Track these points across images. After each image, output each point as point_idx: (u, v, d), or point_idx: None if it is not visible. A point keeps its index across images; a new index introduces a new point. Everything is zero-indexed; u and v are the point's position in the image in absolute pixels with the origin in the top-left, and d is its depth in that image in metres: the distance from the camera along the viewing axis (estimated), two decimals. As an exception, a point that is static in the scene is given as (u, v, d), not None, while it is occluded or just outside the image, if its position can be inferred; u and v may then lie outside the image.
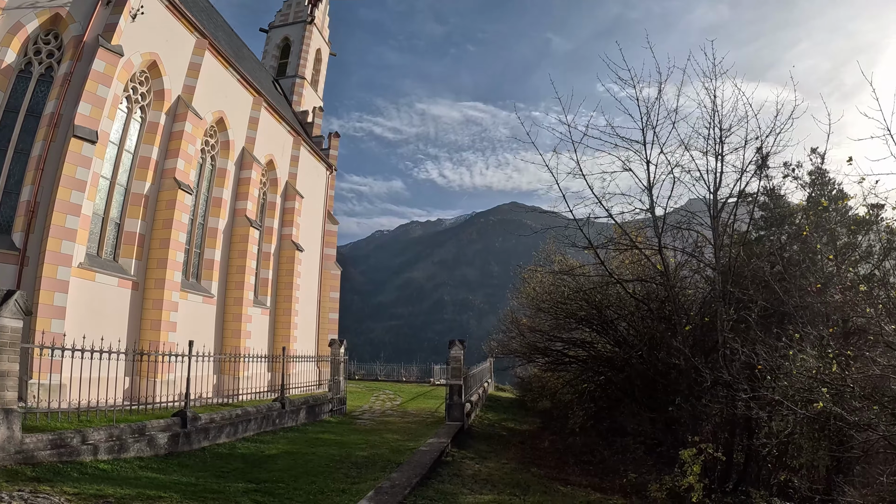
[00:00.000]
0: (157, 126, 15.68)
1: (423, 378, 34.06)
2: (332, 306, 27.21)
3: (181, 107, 16.27)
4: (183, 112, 16.18)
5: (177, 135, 15.97)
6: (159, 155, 15.64)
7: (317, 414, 14.01)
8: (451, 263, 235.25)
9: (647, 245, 11.99)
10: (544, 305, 13.17)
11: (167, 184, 15.43)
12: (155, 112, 15.83)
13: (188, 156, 16.02)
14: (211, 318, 17.84)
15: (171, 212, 15.06)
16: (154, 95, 15.94)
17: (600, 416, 15.05)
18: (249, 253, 18.95)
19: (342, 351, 17.43)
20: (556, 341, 14.65)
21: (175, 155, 15.70)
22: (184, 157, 15.83)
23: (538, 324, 14.23)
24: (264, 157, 21.35)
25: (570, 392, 16.62)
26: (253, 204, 19.84)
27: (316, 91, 33.93)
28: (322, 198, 27.54)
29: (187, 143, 15.98)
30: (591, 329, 12.97)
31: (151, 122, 15.72)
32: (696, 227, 12.09)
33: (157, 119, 15.76)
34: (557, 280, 13.94)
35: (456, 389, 14.96)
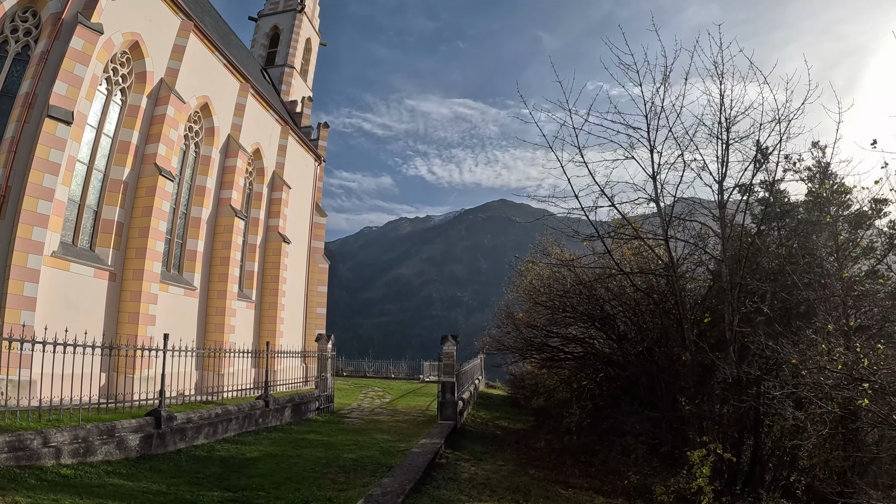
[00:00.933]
0: (137, 109, 14.91)
1: (413, 375, 33.55)
2: (319, 300, 26.53)
3: (164, 90, 15.51)
4: (165, 95, 15.43)
5: (158, 119, 15.21)
6: (140, 140, 14.88)
7: (303, 412, 13.41)
8: (439, 260, 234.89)
9: (652, 235, 11.56)
10: (542, 299, 12.68)
11: (147, 170, 14.69)
12: (136, 95, 15.06)
13: (170, 141, 15.27)
14: (193, 312, 17.12)
15: (151, 199, 14.32)
16: (135, 77, 15.17)
17: (598, 415, 14.62)
18: (234, 244, 18.23)
19: (329, 346, 16.82)
20: (553, 337, 14.19)
21: (156, 140, 14.94)
22: (165, 142, 15.08)
23: (535, 319, 13.74)
24: (251, 145, 20.61)
25: (566, 390, 16.17)
26: (238, 193, 19.11)
27: (305, 81, 33.12)
28: (310, 189, 26.81)
29: (169, 127, 15.23)
30: (590, 324, 12.51)
31: (132, 105, 14.95)
32: (699, 217, 11.69)
33: (138, 102, 14.99)
34: (555, 273, 13.45)
35: (448, 387, 14.43)
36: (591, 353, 13.50)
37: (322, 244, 27.57)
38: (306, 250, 26.14)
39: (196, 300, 17.28)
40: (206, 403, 12.52)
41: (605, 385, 13.63)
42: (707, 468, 8.87)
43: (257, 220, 21.38)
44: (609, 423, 14.12)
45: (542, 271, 13.79)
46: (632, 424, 12.65)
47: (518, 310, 15.64)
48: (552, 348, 14.26)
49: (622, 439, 12.58)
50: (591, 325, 12.84)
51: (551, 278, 13.20)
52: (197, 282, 17.26)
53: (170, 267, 16.64)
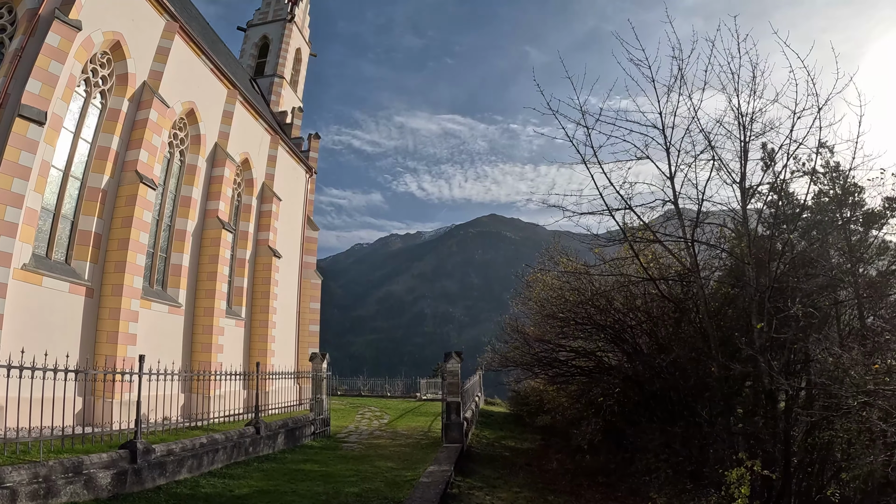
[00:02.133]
0: (118, 113, 13.97)
1: (409, 393, 32.44)
2: (312, 318, 25.42)
3: (146, 93, 14.61)
4: (148, 99, 14.52)
5: (140, 123, 14.28)
6: (120, 146, 13.93)
7: (297, 438, 12.35)
8: (430, 276, 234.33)
9: (673, 239, 10.80)
10: (553, 310, 11.81)
11: (128, 177, 13.71)
12: (117, 98, 14.14)
13: (152, 147, 14.32)
14: (178, 331, 16.02)
15: (132, 209, 13.32)
16: (116, 80, 14.26)
17: (611, 433, 13.73)
18: (221, 258, 17.21)
19: (325, 366, 15.80)
20: (563, 351, 13.30)
21: (138, 146, 14.00)
22: (147, 148, 14.14)
23: (544, 332, 12.86)
24: (239, 154, 19.70)
25: (576, 407, 15.27)
26: (226, 205, 18.14)
27: (295, 92, 32.40)
28: (301, 201, 25.88)
29: (152, 132, 14.30)
30: (606, 336, 11.66)
31: (112, 108, 14.02)
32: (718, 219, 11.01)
33: (118, 106, 14.06)
34: (567, 283, 12.61)
35: (454, 407, 13.46)
36: (605, 367, 12.62)
37: (314, 259, 26.56)
38: (298, 265, 25.11)
39: (181, 318, 16.18)
40: (193, 430, 11.43)
41: (622, 400, 12.74)
42: (746, 488, 8.14)
43: (246, 234, 20.37)
44: (624, 441, 13.23)
45: (552, 281, 12.97)
46: (651, 442, 11.76)
47: (524, 323, 14.77)
48: (563, 363, 13.35)
49: (642, 458, 11.67)
50: (606, 337, 11.98)
51: (563, 288, 12.37)
52: (182, 298, 16.19)
53: (153, 282, 15.58)
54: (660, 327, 11.29)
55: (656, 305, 11.28)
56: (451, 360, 13.81)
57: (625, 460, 12.49)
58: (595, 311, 11.27)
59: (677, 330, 11.26)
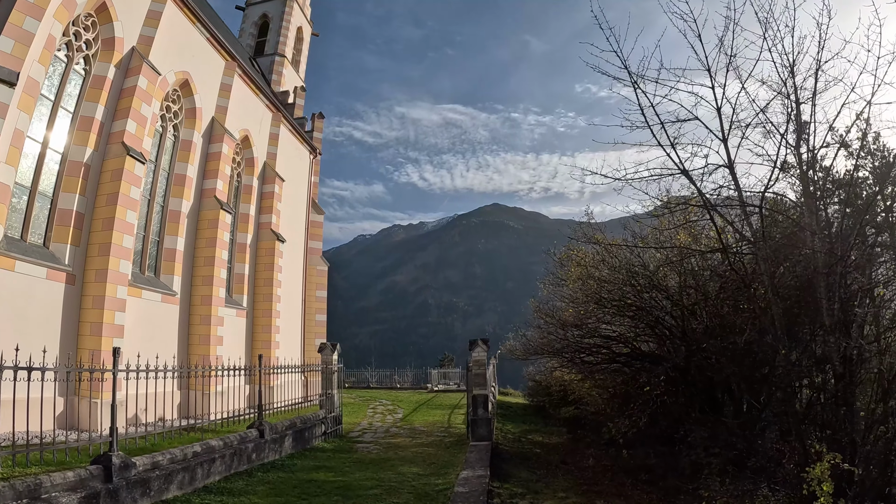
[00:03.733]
0: (103, 80, 12.52)
1: (418, 384, 31.16)
2: (318, 307, 24.08)
3: (136, 59, 13.14)
4: (137, 65, 13.05)
5: (128, 91, 12.83)
6: (105, 116, 12.49)
7: (306, 440, 11.01)
8: (434, 266, 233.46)
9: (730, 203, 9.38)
10: (596, 291, 10.36)
11: (114, 150, 12.29)
12: (102, 64, 12.68)
13: (141, 117, 12.87)
14: (173, 321, 14.65)
15: (118, 184, 11.90)
16: (102, 44, 12.78)
17: (648, 425, 12.41)
18: (220, 241, 15.80)
19: (335, 358, 14.42)
20: (599, 338, 11.92)
21: (125, 115, 12.55)
22: (136, 118, 12.69)
23: (581, 317, 11.44)
24: (238, 131, 18.24)
25: (612, 398, 13.95)
26: (224, 184, 16.70)
27: (297, 72, 30.80)
28: (305, 184, 24.43)
29: (141, 101, 12.85)
30: (655, 320, 10.25)
31: (97, 75, 12.56)
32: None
33: (104, 72, 12.60)
34: (605, 261, 11.16)
35: (480, 401, 12.10)
36: (651, 354, 11.22)
37: (319, 244, 25.16)
38: (302, 251, 23.73)
39: (176, 307, 14.81)
40: (189, 431, 10.06)
41: (670, 390, 11.35)
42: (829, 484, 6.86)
43: (247, 216, 18.95)
44: (664, 434, 11.91)
45: (590, 259, 11.53)
46: (700, 435, 10.36)
47: (556, 307, 13.35)
48: (603, 351, 11.96)
49: (689, 453, 10.28)
50: (654, 321, 10.56)
51: (603, 266, 10.94)
52: (177, 286, 14.81)
53: (144, 268, 14.20)
54: (719, 307, 9.87)
55: (713, 283, 9.85)
56: (476, 348, 12.43)
57: (665, 455, 11.25)
58: (644, 291, 9.85)
59: (736, 310, 9.86)
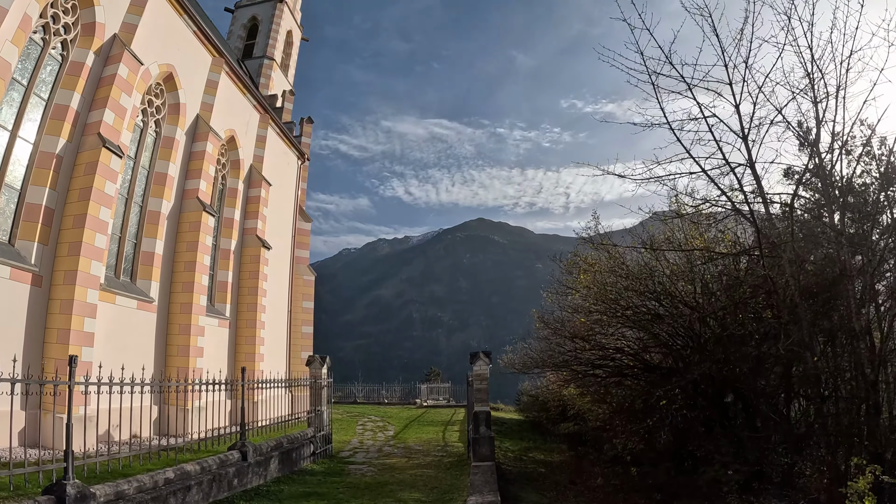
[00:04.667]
0: (81, 67, 11.60)
1: (406, 399, 30.14)
2: (305, 318, 23.03)
3: (117, 47, 12.25)
4: (118, 53, 12.16)
5: (107, 80, 11.93)
6: (82, 105, 11.56)
7: (294, 461, 10.02)
8: (419, 280, 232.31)
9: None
10: (610, 299, 9.62)
11: (89, 142, 11.34)
12: (81, 50, 11.77)
13: (120, 108, 11.96)
14: (150, 330, 13.58)
15: (91, 178, 10.93)
16: (82, 29, 11.87)
17: (652, 441, 11.69)
18: (202, 245, 14.81)
19: (325, 371, 13.49)
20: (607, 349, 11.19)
21: (102, 105, 11.64)
22: (114, 108, 11.77)
23: (595, 326, 10.69)
24: (224, 131, 17.35)
25: (609, 411, 13.27)
26: (208, 185, 15.76)
27: (286, 76, 30.05)
28: (293, 189, 23.53)
29: (120, 91, 11.95)
30: (674, 330, 9.56)
31: (75, 61, 11.65)
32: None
33: (82, 59, 11.68)
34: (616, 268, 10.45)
35: (482, 418, 11.24)
36: (664, 366, 10.51)
37: (307, 253, 24.19)
38: (289, 260, 22.75)
39: (153, 315, 13.76)
40: (164, 452, 8.99)
41: (690, 404, 10.63)
42: (871, 499, 6.26)
43: (231, 221, 17.99)
44: (672, 449, 11.18)
45: (602, 265, 10.83)
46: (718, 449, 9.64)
47: (561, 317, 12.60)
48: (612, 362, 11.23)
49: (706, 469, 9.52)
50: (673, 330, 9.86)
51: (616, 273, 10.25)
52: (155, 292, 13.77)
53: (119, 272, 13.16)
54: (741, 314, 9.22)
55: (739, 288, 9.22)
56: (478, 361, 11.59)
57: (677, 472, 10.54)
58: (662, 297, 9.18)
59: (758, 317, 9.24)
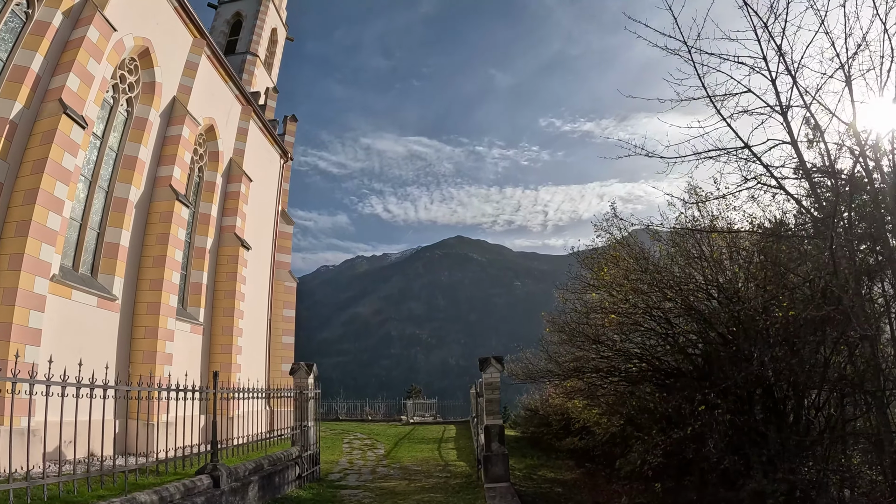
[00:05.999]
0: (47, 27, 10.11)
1: (391, 416, 28.45)
2: (286, 327, 21.37)
3: (88, 9, 10.78)
4: (90, 15, 10.70)
5: (75, 43, 10.47)
6: (45, 68, 10.07)
7: (277, 487, 8.48)
8: (397, 298, 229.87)
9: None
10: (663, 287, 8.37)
11: (48, 108, 9.81)
12: (49, 9, 10.30)
13: (87, 75, 10.47)
14: (111, 331, 11.92)
15: (48, 148, 9.38)
16: (49, -12, 10.48)
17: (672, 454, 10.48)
18: (174, 239, 13.23)
19: (311, 381, 11.91)
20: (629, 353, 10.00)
21: (67, 69, 10.15)
22: (80, 74, 10.29)
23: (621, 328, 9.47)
24: (203, 118, 15.89)
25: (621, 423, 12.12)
26: (183, 173, 14.22)
27: (270, 75, 28.76)
28: (275, 189, 22.03)
29: (89, 55, 10.48)
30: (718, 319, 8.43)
31: (41, 21, 10.18)
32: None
33: (49, 18, 10.20)
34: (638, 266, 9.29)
35: (495, 433, 9.87)
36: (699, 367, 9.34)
37: (288, 258, 22.61)
38: (269, 264, 21.15)
39: (116, 315, 12.10)
40: (125, 473, 7.37)
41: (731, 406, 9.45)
42: None
43: (208, 217, 16.42)
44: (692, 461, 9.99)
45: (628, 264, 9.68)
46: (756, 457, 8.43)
47: (571, 319, 11.39)
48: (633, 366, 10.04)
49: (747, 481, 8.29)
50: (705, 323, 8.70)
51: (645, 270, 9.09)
52: (118, 288, 12.13)
53: (78, 264, 11.52)
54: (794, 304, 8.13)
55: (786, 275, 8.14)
56: (489, 367, 10.24)
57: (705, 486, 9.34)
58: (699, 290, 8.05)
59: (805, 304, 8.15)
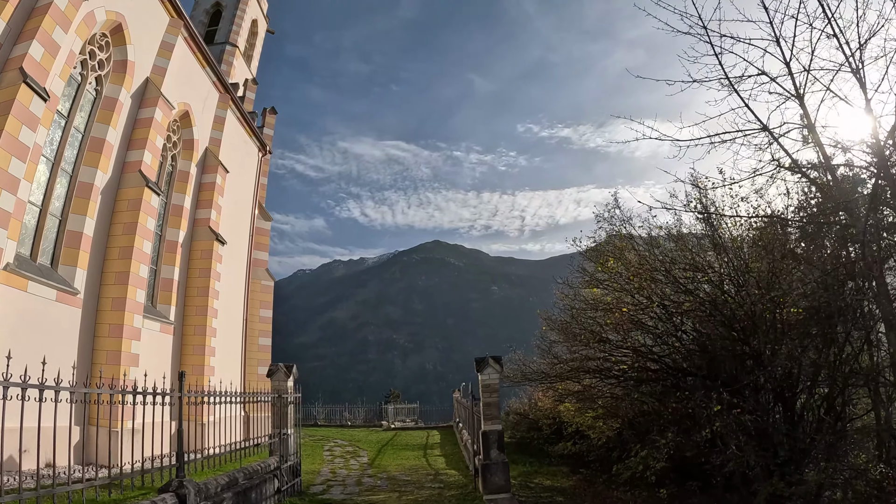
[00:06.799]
0: (6, -5, 9.16)
1: (371, 421, 27.54)
2: (262, 328, 20.32)
3: (52, -26, 9.85)
4: (53, -19, 9.76)
5: (40, 10, 9.48)
6: (6, 35, 9.08)
7: (254, 503, 7.60)
8: (374, 302, 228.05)
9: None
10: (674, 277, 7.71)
11: (7, 77, 8.79)
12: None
13: (52, 44, 9.46)
14: (71, 329, 10.86)
15: (4, 119, 8.38)
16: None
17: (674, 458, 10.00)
18: (142, 229, 12.21)
19: (290, 384, 11.01)
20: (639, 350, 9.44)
21: (30, 36, 9.17)
22: (45, 42, 9.28)
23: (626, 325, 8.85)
24: (178, 103, 14.88)
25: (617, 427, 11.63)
26: (154, 158, 13.19)
27: (249, 67, 27.73)
28: (252, 183, 21.01)
29: (55, 23, 9.50)
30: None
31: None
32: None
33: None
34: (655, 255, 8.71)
35: (494, 439, 9.18)
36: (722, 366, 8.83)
37: (265, 255, 21.58)
38: (245, 261, 20.10)
39: (77, 311, 11.04)
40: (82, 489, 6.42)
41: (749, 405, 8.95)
42: None
43: (181, 209, 15.38)
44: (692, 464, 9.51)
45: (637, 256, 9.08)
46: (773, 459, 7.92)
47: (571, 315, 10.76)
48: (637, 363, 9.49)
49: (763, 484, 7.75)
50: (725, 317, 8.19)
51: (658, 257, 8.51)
52: (80, 281, 11.09)
53: (36, 253, 10.45)
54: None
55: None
56: (486, 368, 9.54)
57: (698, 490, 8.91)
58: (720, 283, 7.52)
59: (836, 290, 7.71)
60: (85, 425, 9.45)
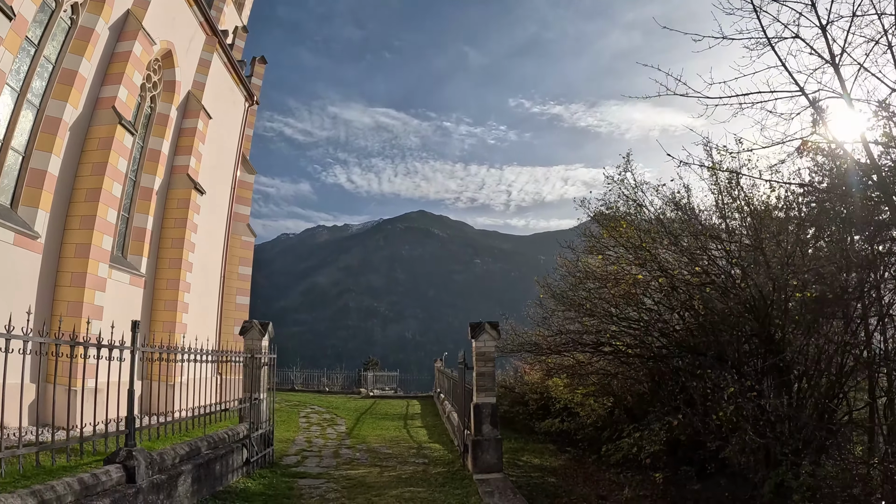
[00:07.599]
0: None
1: (349, 388, 27.11)
2: (241, 286, 19.47)
3: None
4: None
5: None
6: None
7: (218, 477, 6.92)
8: (356, 270, 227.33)
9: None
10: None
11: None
12: None
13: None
14: (30, 276, 9.95)
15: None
16: None
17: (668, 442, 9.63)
18: (112, 169, 11.17)
19: (265, 344, 10.15)
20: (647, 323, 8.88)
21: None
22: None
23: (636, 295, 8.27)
24: (160, 40, 13.65)
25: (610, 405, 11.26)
26: (130, 95, 12.07)
27: (240, 15, 26.05)
28: (237, 133, 19.83)
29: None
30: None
31: None
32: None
33: None
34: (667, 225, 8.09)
35: (487, 413, 8.63)
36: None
37: (248, 210, 20.59)
38: (226, 214, 19.06)
39: (38, 256, 10.11)
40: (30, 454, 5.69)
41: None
42: None
43: (158, 154, 14.29)
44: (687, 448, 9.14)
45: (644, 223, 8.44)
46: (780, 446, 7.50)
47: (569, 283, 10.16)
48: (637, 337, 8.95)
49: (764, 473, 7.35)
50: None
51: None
52: (41, 224, 10.12)
53: (-11, 189, 9.47)
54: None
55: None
56: (482, 334, 8.88)
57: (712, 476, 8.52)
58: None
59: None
60: (40, 382, 8.67)
